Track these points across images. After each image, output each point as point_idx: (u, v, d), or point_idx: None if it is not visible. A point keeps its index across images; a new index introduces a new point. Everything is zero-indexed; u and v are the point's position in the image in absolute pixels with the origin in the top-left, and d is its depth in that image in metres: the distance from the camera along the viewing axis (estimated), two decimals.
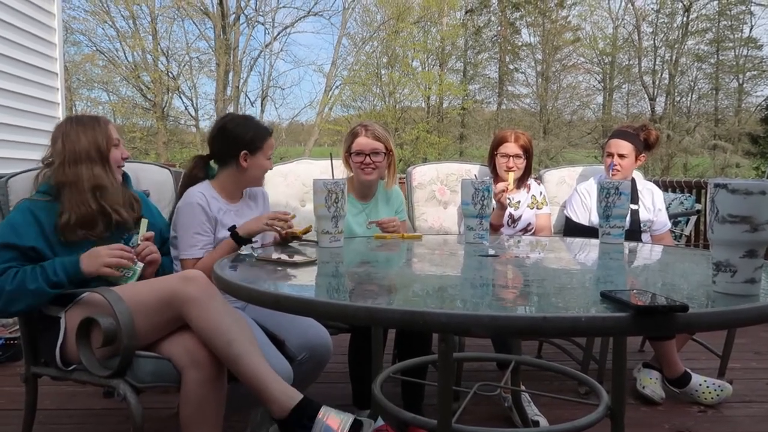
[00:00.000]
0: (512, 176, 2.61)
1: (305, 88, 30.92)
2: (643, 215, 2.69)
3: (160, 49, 21.24)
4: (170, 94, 21.58)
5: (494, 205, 2.17)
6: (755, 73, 22.11)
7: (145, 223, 1.82)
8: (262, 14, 22.11)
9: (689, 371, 2.48)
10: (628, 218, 2.31)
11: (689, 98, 23.00)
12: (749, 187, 0.96)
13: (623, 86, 23.75)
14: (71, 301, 1.67)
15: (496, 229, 2.61)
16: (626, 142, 2.65)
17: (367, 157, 2.25)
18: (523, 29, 23.89)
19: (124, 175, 1.92)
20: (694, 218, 3.14)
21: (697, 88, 22.90)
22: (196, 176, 2.02)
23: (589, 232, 2.39)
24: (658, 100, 23.06)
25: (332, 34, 32.51)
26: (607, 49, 23.28)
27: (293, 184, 2.63)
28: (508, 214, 2.68)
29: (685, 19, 22.30)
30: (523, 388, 2.14)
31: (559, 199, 2.95)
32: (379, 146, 2.26)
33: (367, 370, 1.91)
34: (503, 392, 2.28)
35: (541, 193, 2.79)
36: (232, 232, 1.83)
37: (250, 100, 22.59)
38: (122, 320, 1.49)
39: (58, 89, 5.27)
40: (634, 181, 2.73)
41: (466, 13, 23.34)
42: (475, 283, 1.24)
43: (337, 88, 22.53)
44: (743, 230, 0.97)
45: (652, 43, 22.89)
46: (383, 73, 22.60)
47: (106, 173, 1.79)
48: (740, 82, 22.41)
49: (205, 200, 1.92)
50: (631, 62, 23.25)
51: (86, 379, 1.62)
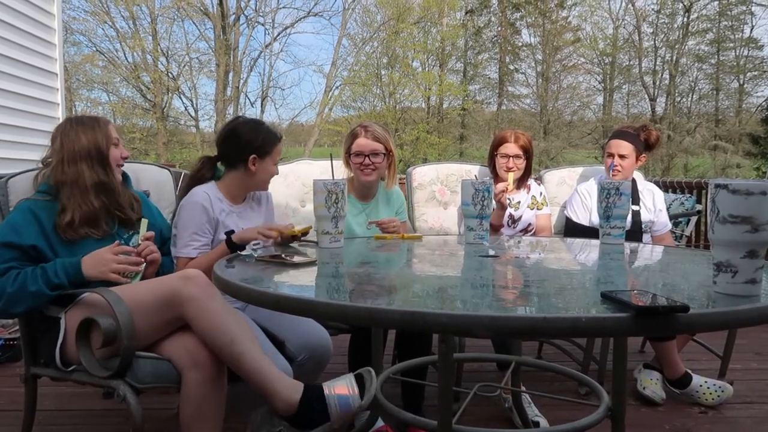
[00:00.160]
0: (512, 176, 2.61)
1: (305, 88, 30.86)
2: (643, 216, 2.68)
3: (160, 49, 21.26)
4: (170, 94, 21.59)
5: (494, 205, 2.17)
6: (756, 73, 22.11)
7: (145, 223, 1.83)
8: (262, 15, 22.14)
9: (690, 372, 2.48)
10: (629, 219, 2.31)
11: (690, 99, 23.02)
12: (750, 187, 0.96)
13: (623, 87, 23.75)
14: (71, 301, 1.66)
15: (496, 229, 2.62)
16: (627, 142, 2.65)
17: (366, 158, 2.25)
18: (523, 30, 23.93)
19: (124, 175, 1.92)
20: (694, 219, 3.14)
21: (697, 88, 22.93)
22: (203, 177, 2.03)
23: (589, 232, 2.39)
24: (658, 100, 23.09)
25: (332, 34, 32.52)
26: (607, 49, 23.28)
27: (293, 184, 2.63)
28: (508, 214, 2.68)
29: (685, 19, 22.32)
30: (523, 388, 2.14)
31: (559, 199, 2.95)
32: (378, 147, 2.26)
33: None
34: (503, 393, 2.28)
35: (541, 193, 2.79)
36: (227, 237, 1.83)
37: (250, 100, 22.61)
38: (122, 321, 1.49)
39: (57, 90, 5.27)
40: (634, 181, 2.73)
41: (466, 13, 23.34)
42: (475, 283, 1.24)
43: (337, 88, 22.55)
44: (744, 231, 0.97)
45: (652, 43, 22.90)
46: (383, 73, 22.60)
47: (106, 172, 1.80)
48: (741, 82, 22.41)
49: (209, 201, 1.92)
50: (631, 63, 23.26)
51: (86, 379, 1.61)
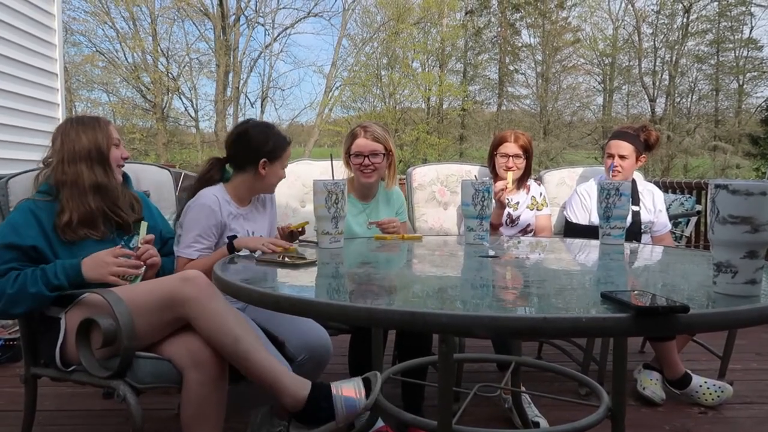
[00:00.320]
0: (511, 176, 2.61)
1: (305, 89, 30.83)
2: (643, 216, 2.68)
3: (160, 50, 21.27)
4: (170, 95, 21.60)
5: (493, 204, 2.18)
6: (755, 74, 22.12)
7: (144, 225, 1.82)
8: (262, 15, 22.15)
9: (690, 372, 2.48)
10: (629, 219, 2.31)
11: (689, 99, 23.03)
12: (750, 187, 0.96)
13: (623, 87, 23.77)
14: (71, 301, 1.66)
15: (495, 228, 2.61)
16: (626, 143, 2.65)
17: (366, 158, 2.25)
18: (523, 30, 23.94)
19: (124, 175, 1.92)
20: (694, 219, 3.14)
21: (697, 89, 22.94)
22: (211, 178, 2.02)
23: (588, 232, 2.39)
24: (658, 101, 23.10)
25: (332, 35, 32.54)
26: (607, 50, 23.29)
27: (293, 184, 2.63)
28: (506, 214, 2.68)
29: (685, 20, 22.33)
30: (523, 389, 2.14)
31: (559, 200, 2.95)
32: (378, 147, 2.26)
33: (367, 370, 1.91)
34: (503, 393, 2.28)
35: (541, 194, 2.79)
36: (229, 242, 1.83)
37: (250, 101, 22.61)
38: (122, 321, 1.49)
39: (58, 90, 5.27)
40: (634, 182, 2.73)
41: (466, 14, 23.34)
42: (475, 283, 1.24)
43: (337, 89, 22.56)
44: (744, 231, 0.97)
45: (652, 44, 22.92)
46: (383, 74, 22.61)
47: (106, 173, 1.80)
48: (740, 83, 22.43)
49: (217, 204, 1.91)
50: (631, 63, 23.28)
51: (86, 380, 1.61)
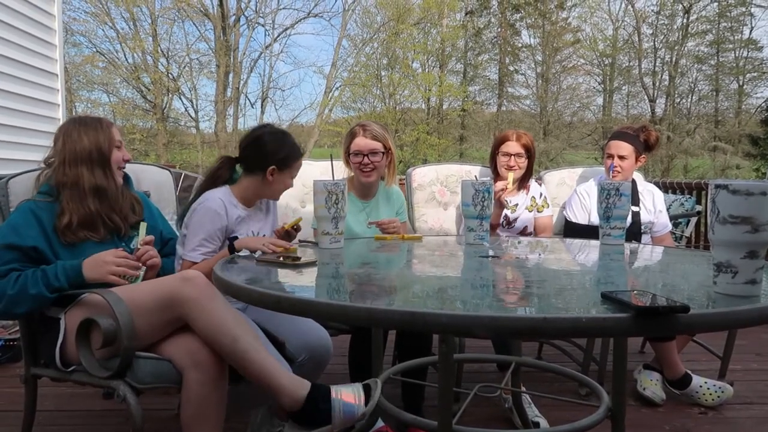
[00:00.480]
0: (512, 176, 2.61)
1: (305, 89, 31.01)
2: (643, 217, 2.68)
3: (160, 50, 21.25)
4: (170, 95, 21.57)
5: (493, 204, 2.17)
6: (755, 74, 22.12)
7: (144, 226, 1.81)
8: (262, 16, 22.13)
9: (690, 373, 2.48)
10: (629, 219, 2.31)
11: (689, 100, 23.02)
12: (750, 187, 0.96)
13: (623, 88, 23.76)
14: (71, 302, 1.66)
15: (492, 228, 2.61)
16: (626, 143, 2.65)
17: (365, 157, 2.25)
18: (523, 31, 23.93)
19: (125, 176, 1.92)
20: (694, 219, 3.14)
21: (697, 89, 22.93)
22: (221, 176, 2.01)
23: (588, 232, 2.39)
24: (658, 101, 23.09)
25: (332, 35, 32.54)
26: (607, 50, 23.28)
27: (293, 184, 2.62)
28: (503, 215, 2.68)
29: (685, 20, 22.33)
30: (523, 389, 2.14)
31: (559, 200, 2.95)
32: (377, 146, 2.26)
33: (367, 371, 1.91)
34: (504, 393, 2.28)
35: (541, 194, 2.79)
36: (230, 243, 1.83)
37: (250, 101, 22.61)
38: (122, 321, 1.49)
39: (58, 90, 5.27)
40: (634, 182, 2.73)
41: (466, 14, 23.34)
42: (475, 284, 1.24)
43: (337, 89, 22.55)
44: (744, 231, 0.97)
45: (652, 44, 22.91)
46: (383, 74, 22.61)
47: (106, 175, 1.79)
48: (740, 83, 22.42)
49: (223, 208, 1.90)
50: (631, 64, 23.27)
51: (86, 380, 1.61)
